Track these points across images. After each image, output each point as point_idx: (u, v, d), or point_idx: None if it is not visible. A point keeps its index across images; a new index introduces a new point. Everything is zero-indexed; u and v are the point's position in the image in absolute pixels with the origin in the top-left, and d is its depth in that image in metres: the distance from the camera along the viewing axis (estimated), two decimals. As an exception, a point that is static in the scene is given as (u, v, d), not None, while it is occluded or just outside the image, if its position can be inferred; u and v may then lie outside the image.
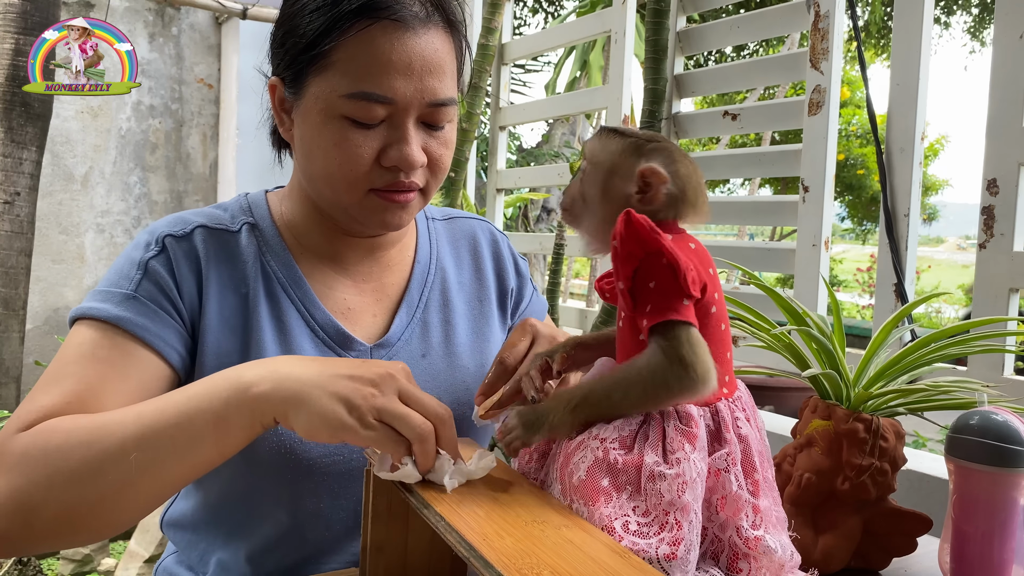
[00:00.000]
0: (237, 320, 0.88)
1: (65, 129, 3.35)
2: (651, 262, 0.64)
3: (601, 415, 0.66)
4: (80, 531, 0.72)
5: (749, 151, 1.80)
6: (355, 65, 0.81)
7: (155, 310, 0.84)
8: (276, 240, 0.93)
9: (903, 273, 1.38)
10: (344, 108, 0.82)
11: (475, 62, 2.35)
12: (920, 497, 1.16)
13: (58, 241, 3.38)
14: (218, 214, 0.93)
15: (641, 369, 0.63)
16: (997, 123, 1.24)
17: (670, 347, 0.63)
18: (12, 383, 2.75)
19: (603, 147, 0.72)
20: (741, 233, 10.02)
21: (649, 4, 1.81)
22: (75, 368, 0.79)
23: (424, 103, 0.83)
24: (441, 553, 0.75)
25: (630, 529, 0.61)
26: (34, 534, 0.71)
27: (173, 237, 0.87)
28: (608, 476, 0.62)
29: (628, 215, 0.64)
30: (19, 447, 0.72)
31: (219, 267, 0.88)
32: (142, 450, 0.70)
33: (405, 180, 0.85)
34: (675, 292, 0.64)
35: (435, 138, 0.87)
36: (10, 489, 0.70)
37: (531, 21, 9.65)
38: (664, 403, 0.64)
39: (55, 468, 0.70)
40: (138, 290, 0.84)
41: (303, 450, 0.85)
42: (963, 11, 10.16)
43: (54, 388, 0.78)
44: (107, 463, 0.70)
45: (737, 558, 0.65)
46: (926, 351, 0.81)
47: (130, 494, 0.71)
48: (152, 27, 3.55)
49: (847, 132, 10.65)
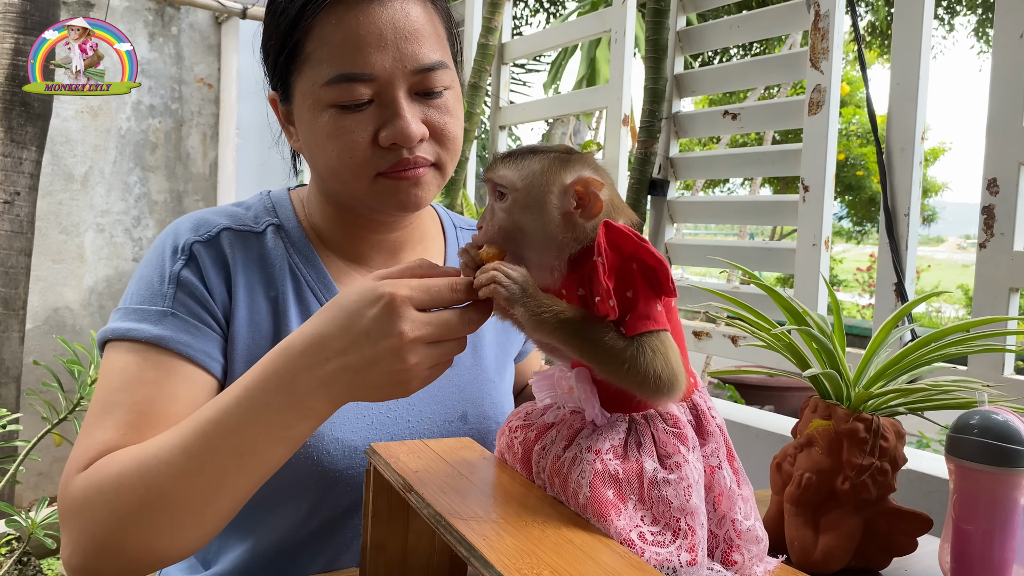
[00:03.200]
0: (267, 324, 0.86)
1: (65, 129, 3.35)
2: (625, 268, 0.62)
3: (564, 347, 0.63)
4: (171, 556, 0.73)
5: (749, 151, 1.79)
6: (328, 50, 0.79)
7: (195, 324, 0.82)
8: (303, 241, 0.91)
9: (903, 273, 1.38)
10: (329, 96, 0.80)
11: (475, 61, 2.35)
12: (920, 497, 1.16)
13: (58, 241, 3.38)
14: (241, 214, 0.91)
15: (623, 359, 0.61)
16: (997, 123, 1.24)
17: (654, 357, 0.61)
18: (12, 383, 2.75)
19: (521, 171, 0.66)
20: (741, 233, 10.00)
21: (649, 4, 1.81)
22: (124, 396, 0.78)
23: (407, 71, 0.80)
24: (441, 553, 0.75)
25: (647, 540, 0.60)
26: (129, 566, 0.72)
27: (200, 243, 0.85)
28: (612, 487, 0.61)
29: (608, 224, 0.61)
30: (80, 490, 0.73)
31: (247, 270, 0.87)
32: (202, 475, 0.70)
33: (410, 156, 0.82)
34: (651, 298, 0.62)
35: (433, 107, 0.83)
36: (86, 532, 0.72)
37: (532, 21, 9.64)
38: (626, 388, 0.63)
39: (116, 508, 0.71)
40: (174, 305, 0.82)
41: (330, 462, 0.84)
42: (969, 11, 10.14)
43: (107, 420, 0.77)
44: (171, 498, 0.70)
45: (731, 550, 0.65)
46: (926, 351, 0.81)
47: (208, 515, 0.71)
48: (152, 27, 3.55)
49: (847, 132, 10.64)
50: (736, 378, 5.23)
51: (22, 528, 1.96)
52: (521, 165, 0.67)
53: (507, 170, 0.67)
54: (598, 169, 0.67)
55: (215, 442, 0.69)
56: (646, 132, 1.85)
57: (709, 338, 1.71)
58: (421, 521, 0.72)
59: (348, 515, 0.87)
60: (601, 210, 0.65)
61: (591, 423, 0.65)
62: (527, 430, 0.70)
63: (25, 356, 2.83)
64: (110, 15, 3.26)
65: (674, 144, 1.89)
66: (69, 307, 3.43)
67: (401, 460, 0.72)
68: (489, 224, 0.68)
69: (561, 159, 0.66)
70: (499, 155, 0.69)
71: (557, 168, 0.65)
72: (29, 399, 2.57)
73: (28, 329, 3.15)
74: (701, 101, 10.91)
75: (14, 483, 2.15)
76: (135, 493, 0.70)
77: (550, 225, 0.65)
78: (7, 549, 2.32)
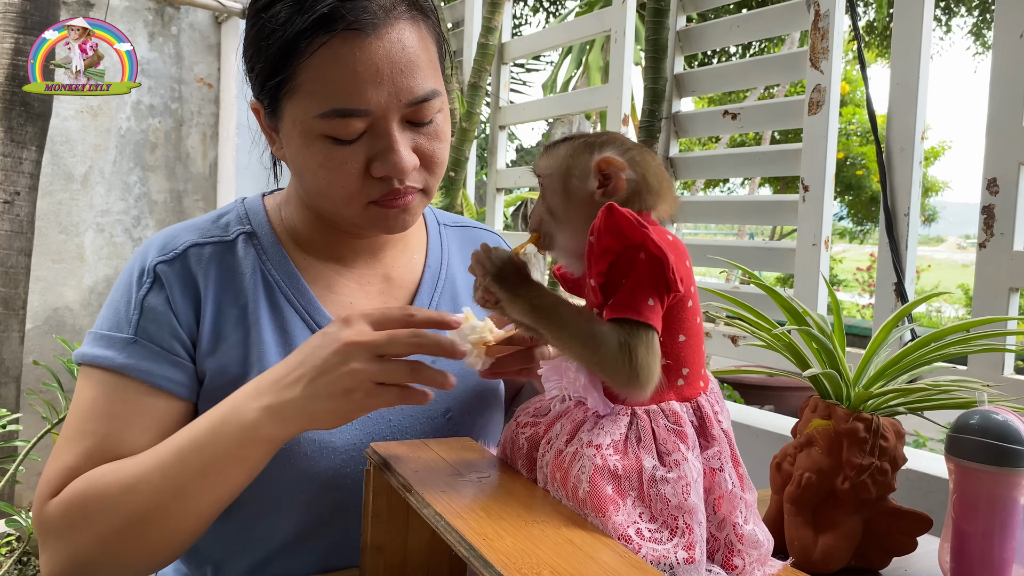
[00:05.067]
0: (238, 334, 0.86)
1: (65, 129, 3.35)
2: (628, 256, 0.62)
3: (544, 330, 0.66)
4: (147, 568, 0.80)
5: (749, 150, 1.80)
6: (322, 84, 0.78)
7: (157, 351, 0.84)
8: (275, 247, 0.91)
9: (903, 272, 1.38)
10: (321, 128, 0.79)
11: (475, 61, 2.35)
12: (920, 496, 1.16)
13: (58, 241, 3.38)
14: (208, 227, 0.91)
15: (600, 343, 0.62)
16: (997, 122, 1.24)
17: (630, 344, 0.61)
18: (12, 383, 2.75)
19: (552, 157, 0.70)
20: (741, 232, 10.01)
21: (649, 3, 1.81)
22: (92, 426, 0.82)
23: (402, 105, 0.80)
24: (441, 553, 0.75)
25: (645, 536, 0.60)
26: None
27: (165, 263, 0.86)
28: (611, 483, 0.61)
29: (611, 207, 0.62)
30: (57, 513, 0.79)
31: (216, 283, 0.87)
32: (177, 500, 0.76)
33: (400, 187, 0.82)
34: (645, 291, 0.62)
35: (424, 134, 0.83)
36: (67, 553, 0.78)
37: (532, 20, 9.64)
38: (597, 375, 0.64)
39: (101, 525, 0.77)
40: (137, 332, 0.85)
41: (308, 464, 0.84)
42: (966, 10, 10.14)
43: (76, 446, 0.82)
44: (147, 517, 0.77)
45: (732, 555, 0.65)
46: (926, 350, 0.81)
47: (177, 533, 0.78)
48: (152, 27, 3.55)
49: (847, 131, 10.64)
50: (736, 378, 5.23)
51: (22, 528, 1.96)
52: (553, 153, 0.70)
53: (542, 159, 0.71)
54: (628, 151, 0.67)
55: (188, 461, 0.76)
56: (646, 132, 1.85)
57: (709, 338, 1.71)
58: (421, 521, 0.72)
59: (335, 516, 0.87)
60: (623, 190, 0.66)
61: (594, 414, 0.65)
62: (535, 427, 0.70)
63: (25, 356, 2.83)
64: (110, 15, 3.26)
65: (674, 144, 1.89)
66: (69, 307, 3.43)
67: (401, 460, 0.72)
68: (534, 214, 0.71)
69: (587, 143, 0.68)
70: (544, 146, 0.73)
71: (581, 151, 0.68)
72: (29, 399, 2.57)
73: (28, 329, 3.15)
74: (701, 101, 10.91)
75: (14, 483, 2.16)
76: (117, 513, 0.76)
77: (574, 206, 0.67)
78: (7, 549, 2.32)
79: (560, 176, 0.68)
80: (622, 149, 0.67)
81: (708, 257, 1.71)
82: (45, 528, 0.79)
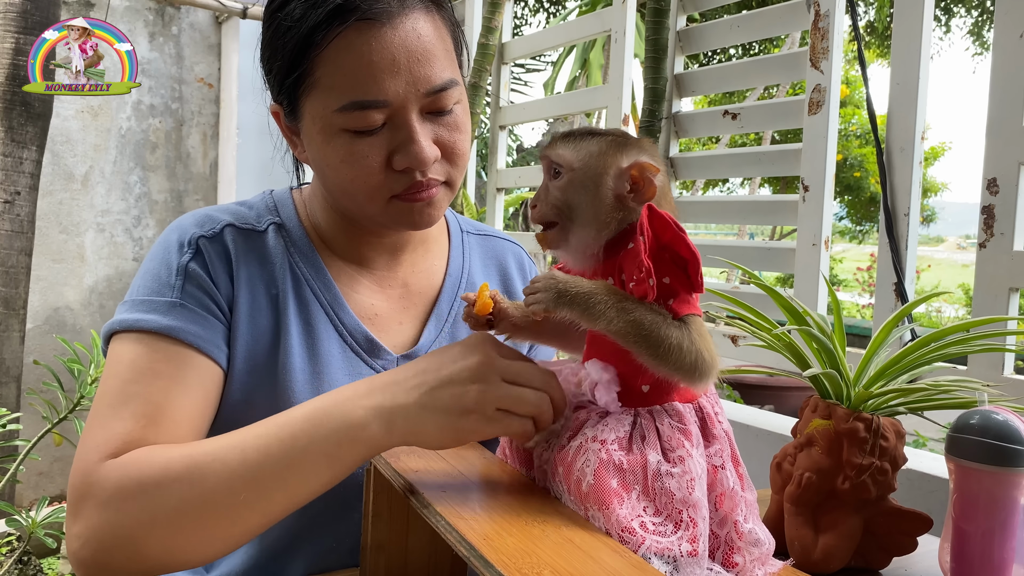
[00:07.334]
0: (267, 322, 0.86)
1: (65, 129, 3.35)
2: (660, 256, 0.63)
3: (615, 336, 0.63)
4: (188, 562, 0.72)
5: (749, 150, 1.79)
6: (339, 77, 0.78)
7: (203, 315, 0.82)
8: (304, 241, 0.91)
9: (903, 272, 1.38)
10: (341, 122, 0.79)
11: (475, 61, 2.35)
12: (920, 496, 1.16)
13: (58, 240, 3.38)
14: (243, 212, 0.91)
15: (671, 336, 0.62)
16: (997, 122, 1.24)
17: (700, 340, 0.63)
18: (12, 383, 2.75)
19: (581, 151, 0.68)
20: (741, 232, 10.02)
21: (649, 3, 1.81)
22: (138, 388, 0.77)
23: (420, 94, 0.80)
24: (442, 553, 0.75)
25: (649, 529, 0.60)
26: (143, 567, 0.71)
27: (205, 238, 0.86)
28: (616, 476, 0.62)
29: (652, 209, 0.63)
30: (112, 480, 0.71)
31: (249, 267, 0.87)
32: (250, 490, 0.69)
33: (423, 179, 0.82)
34: (686, 285, 0.64)
35: (443, 124, 0.83)
36: (109, 524, 0.70)
37: (532, 20, 9.64)
38: (664, 373, 0.63)
39: (156, 505, 0.69)
40: (183, 296, 0.82)
41: None
42: (965, 10, 10.15)
43: (124, 411, 0.76)
44: (212, 502, 0.69)
45: (732, 552, 0.66)
46: (926, 350, 0.81)
47: (237, 528, 0.70)
48: (152, 27, 3.55)
49: (846, 132, 10.64)
50: (736, 378, 5.23)
51: (22, 528, 1.96)
52: (580, 146, 0.68)
53: (566, 149, 0.68)
54: (654, 155, 0.68)
55: (272, 449, 0.69)
56: (646, 132, 1.85)
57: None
58: (421, 521, 0.72)
59: (335, 516, 0.87)
60: (654, 195, 0.66)
61: (597, 413, 0.65)
62: None
63: (25, 356, 2.83)
64: (110, 15, 3.26)
65: (674, 144, 1.89)
66: (69, 307, 3.43)
67: (401, 460, 0.72)
68: (543, 203, 0.69)
69: (619, 142, 0.68)
70: (558, 134, 0.71)
71: (614, 151, 0.67)
72: (29, 399, 2.57)
73: (28, 329, 3.15)
74: (701, 101, 10.90)
75: (14, 483, 2.16)
76: (179, 492, 0.69)
77: (601, 206, 0.67)
78: (7, 549, 2.32)
79: (592, 174, 0.67)
80: (651, 152, 0.68)
81: (708, 257, 1.71)
82: (92, 489, 0.71)
